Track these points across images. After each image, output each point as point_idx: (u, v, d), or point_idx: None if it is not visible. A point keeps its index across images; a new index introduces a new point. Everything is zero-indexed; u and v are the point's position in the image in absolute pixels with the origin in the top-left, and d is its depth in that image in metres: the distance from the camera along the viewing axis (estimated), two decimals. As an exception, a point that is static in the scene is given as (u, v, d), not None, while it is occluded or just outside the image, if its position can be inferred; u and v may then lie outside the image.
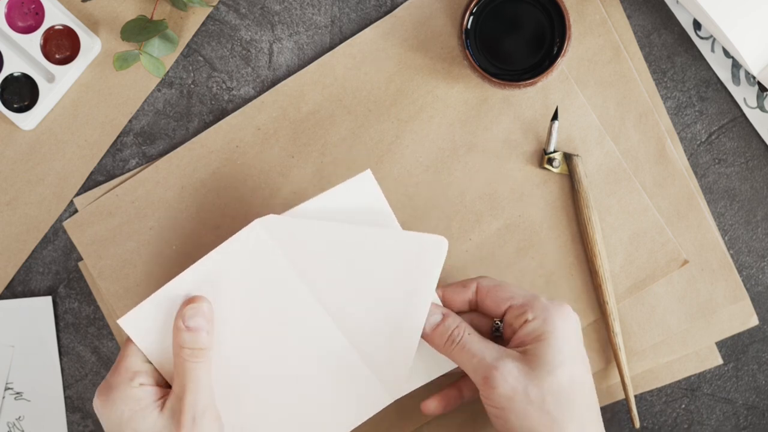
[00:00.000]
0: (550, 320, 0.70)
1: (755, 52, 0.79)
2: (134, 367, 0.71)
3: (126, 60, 0.81)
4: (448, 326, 0.72)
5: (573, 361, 0.70)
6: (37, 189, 0.83)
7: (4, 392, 0.84)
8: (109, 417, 0.70)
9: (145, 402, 0.70)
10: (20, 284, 0.84)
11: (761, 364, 0.83)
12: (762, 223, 0.83)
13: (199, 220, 0.82)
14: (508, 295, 0.72)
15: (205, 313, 0.71)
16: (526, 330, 0.70)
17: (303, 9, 0.83)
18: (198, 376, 0.70)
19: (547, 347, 0.69)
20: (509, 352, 0.70)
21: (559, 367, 0.69)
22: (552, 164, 0.81)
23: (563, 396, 0.68)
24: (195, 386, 0.70)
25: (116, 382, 0.70)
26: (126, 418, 0.69)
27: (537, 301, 0.71)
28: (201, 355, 0.70)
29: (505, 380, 0.68)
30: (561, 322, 0.70)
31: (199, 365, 0.70)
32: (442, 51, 0.82)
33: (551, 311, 0.71)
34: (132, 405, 0.69)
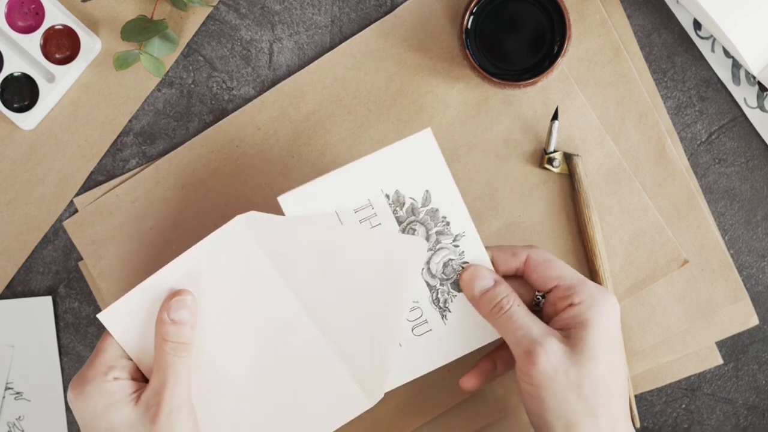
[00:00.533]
0: (595, 307, 0.70)
1: (755, 52, 0.79)
2: (109, 362, 0.71)
3: (126, 60, 0.81)
4: (498, 293, 0.71)
5: (612, 351, 0.69)
6: (37, 189, 0.83)
7: (4, 392, 0.84)
8: (82, 410, 0.69)
9: (120, 395, 0.69)
10: (20, 284, 0.84)
11: (761, 364, 0.83)
12: (762, 223, 0.83)
13: (199, 220, 0.82)
14: (556, 273, 0.71)
15: (190, 307, 0.71)
16: (570, 313, 0.70)
17: (303, 9, 0.83)
18: (179, 371, 0.70)
19: (591, 334, 0.69)
20: (554, 331, 0.70)
21: (600, 355, 0.68)
22: (552, 164, 0.81)
23: (601, 384, 0.68)
24: (175, 380, 0.69)
25: (91, 375, 0.70)
26: (100, 411, 0.69)
27: (584, 286, 0.71)
28: (184, 349, 0.70)
29: (548, 358, 0.68)
30: (606, 310, 0.70)
31: (181, 359, 0.70)
32: (442, 51, 0.82)
33: (597, 298, 0.70)
34: (106, 398, 0.69)
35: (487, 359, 0.76)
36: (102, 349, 0.71)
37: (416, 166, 0.72)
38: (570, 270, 0.72)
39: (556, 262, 0.72)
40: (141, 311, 0.71)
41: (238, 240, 0.72)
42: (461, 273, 0.73)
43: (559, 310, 0.71)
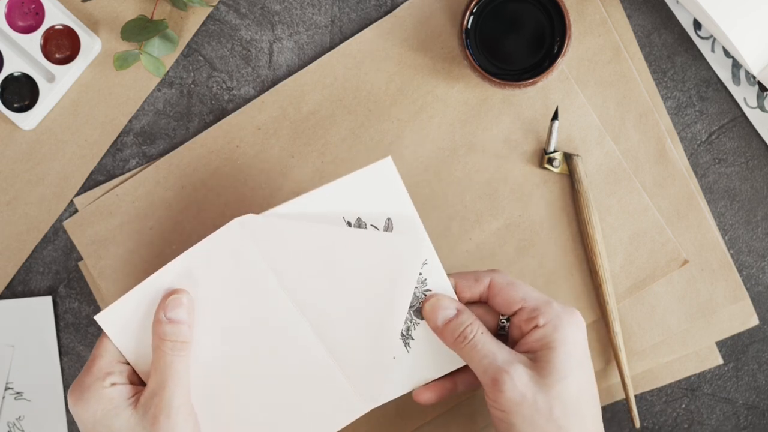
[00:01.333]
0: (561, 328, 0.69)
1: (755, 51, 0.79)
2: (107, 367, 0.70)
3: (126, 60, 0.81)
4: (462, 322, 0.71)
5: (581, 371, 0.69)
6: (37, 189, 0.83)
7: (4, 392, 0.84)
8: (82, 417, 0.69)
9: (118, 401, 0.69)
10: (20, 284, 0.84)
11: (761, 364, 0.83)
12: (762, 223, 0.83)
13: (199, 220, 0.82)
14: (520, 296, 0.71)
15: (186, 306, 0.71)
16: (536, 335, 0.70)
17: (303, 9, 0.83)
18: (177, 371, 0.69)
19: (558, 355, 0.68)
20: (520, 356, 0.69)
21: (568, 375, 0.68)
22: (552, 164, 0.81)
23: (571, 405, 0.68)
24: (174, 381, 0.69)
25: (88, 381, 0.70)
26: (99, 417, 0.69)
27: (549, 307, 0.70)
28: (182, 347, 0.70)
29: (515, 385, 0.68)
30: (571, 330, 0.69)
31: (180, 359, 0.70)
32: (442, 51, 0.82)
33: (563, 318, 0.70)
34: (104, 404, 0.69)
35: (447, 378, 0.75)
36: (98, 354, 0.71)
37: (378, 194, 0.71)
38: (534, 292, 0.72)
39: (520, 285, 0.72)
40: (138, 313, 0.71)
41: (235, 242, 0.71)
42: (424, 302, 0.72)
43: (524, 332, 0.71)
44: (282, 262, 0.72)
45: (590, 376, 0.70)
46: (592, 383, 0.70)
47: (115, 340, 0.71)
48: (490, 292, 0.73)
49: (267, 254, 0.72)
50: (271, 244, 0.71)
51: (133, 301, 0.71)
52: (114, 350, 0.71)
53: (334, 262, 0.72)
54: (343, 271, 0.72)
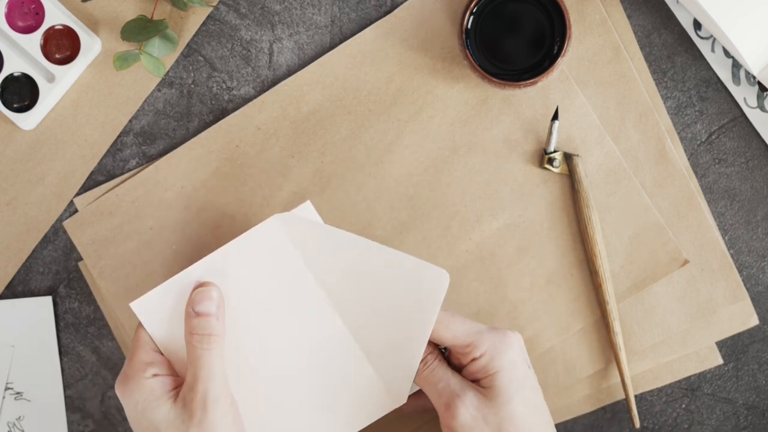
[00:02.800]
0: (498, 356, 0.71)
1: (755, 51, 0.79)
2: (147, 358, 0.71)
3: (126, 60, 0.81)
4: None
5: (524, 388, 0.71)
6: (37, 189, 0.83)
7: (4, 392, 0.84)
8: (127, 406, 0.70)
9: (159, 392, 0.70)
10: (20, 284, 0.84)
11: (761, 364, 0.83)
12: (762, 223, 0.83)
13: (199, 220, 0.82)
14: (450, 334, 0.72)
15: (214, 299, 0.71)
16: (475, 367, 0.72)
17: (303, 9, 0.83)
18: (209, 363, 0.70)
19: (500, 380, 0.71)
20: (470, 384, 0.71)
21: (514, 396, 0.70)
22: (552, 164, 0.81)
23: (520, 422, 0.70)
24: (206, 374, 0.69)
25: (131, 372, 0.70)
26: (141, 409, 0.69)
27: (481, 338, 0.72)
28: (212, 341, 0.70)
29: (467, 409, 0.70)
30: (508, 355, 0.71)
31: (211, 352, 0.70)
32: (442, 51, 0.82)
33: (497, 346, 0.71)
34: (146, 395, 0.69)
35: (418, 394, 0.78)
36: (138, 345, 0.72)
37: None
38: (464, 324, 0.72)
39: (450, 321, 0.73)
40: (171, 306, 0.72)
41: (273, 238, 0.72)
42: None
43: (463, 364, 0.73)
44: (317, 262, 0.73)
45: (535, 390, 0.72)
46: (538, 396, 0.72)
47: (150, 329, 0.72)
48: None
49: (303, 252, 0.72)
50: (307, 243, 0.72)
51: (166, 293, 0.72)
52: (150, 340, 0.72)
53: (366, 272, 0.73)
54: (374, 281, 0.73)
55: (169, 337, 0.72)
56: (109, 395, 0.84)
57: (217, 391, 0.69)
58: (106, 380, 0.84)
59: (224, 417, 0.69)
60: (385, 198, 0.82)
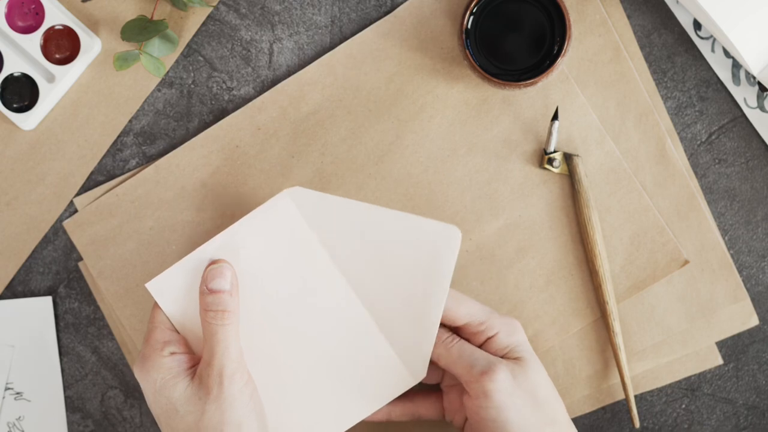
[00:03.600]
0: (514, 332, 0.74)
1: (755, 52, 0.79)
2: (164, 337, 0.71)
3: (126, 60, 0.81)
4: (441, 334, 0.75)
5: (541, 366, 0.74)
6: (37, 189, 0.83)
7: (4, 392, 0.84)
8: (146, 386, 0.71)
9: (177, 370, 0.70)
10: (20, 284, 0.84)
11: (761, 364, 0.83)
12: (762, 223, 0.83)
13: (199, 220, 0.82)
14: (465, 311, 0.74)
15: (227, 276, 0.72)
16: (495, 344, 0.74)
17: (303, 9, 0.83)
18: (225, 338, 0.70)
19: (524, 353, 0.74)
20: (498, 358, 0.73)
21: (538, 371, 0.73)
22: (552, 164, 0.81)
23: (547, 393, 0.73)
24: (222, 349, 0.70)
25: (148, 352, 0.71)
26: (159, 387, 0.70)
27: (493, 317, 0.74)
28: (226, 317, 0.70)
29: (505, 375, 0.71)
30: (521, 334, 0.75)
31: (225, 328, 0.70)
32: (442, 51, 0.82)
33: (509, 326, 0.74)
34: (164, 374, 0.70)
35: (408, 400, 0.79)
36: (154, 326, 0.72)
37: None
38: (476, 305, 0.74)
39: (464, 300, 0.74)
40: (186, 283, 0.72)
41: (285, 213, 0.73)
42: None
43: (480, 342, 0.74)
44: (329, 235, 0.73)
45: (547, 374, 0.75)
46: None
47: (166, 308, 0.72)
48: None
49: (315, 227, 0.73)
50: (317, 216, 0.73)
51: (181, 272, 0.72)
52: (166, 320, 0.72)
53: (377, 240, 0.73)
54: (386, 248, 0.73)
55: (185, 315, 0.73)
56: (109, 395, 0.84)
57: (233, 366, 0.70)
58: (106, 380, 0.84)
59: (241, 393, 0.70)
60: (385, 198, 0.82)
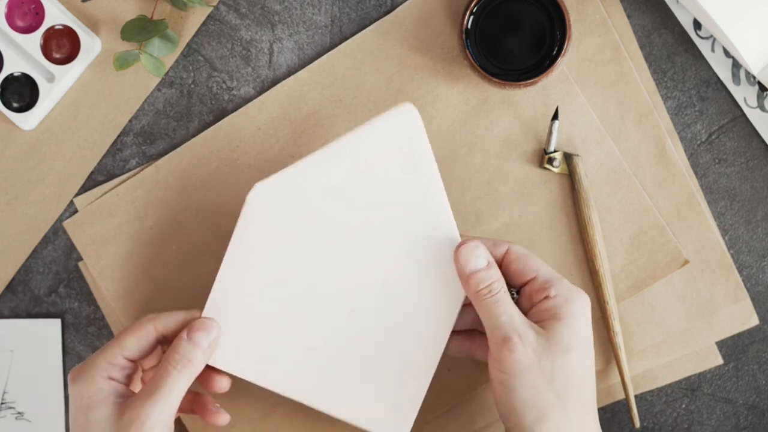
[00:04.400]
0: (571, 301, 0.71)
1: (755, 51, 0.79)
2: (112, 358, 0.71)
3: (126, 60, 0.81)
4: (490, 276, 0.71)
5: (585, 347, 0.70)
6: (37, 189, 0.83)
7: (6, 411, 0.84)
8: (73, 395, 0.70)
9: (105, 394, 0.69)
10: (20, 284, 0.84)
11: (761, 364, 0.83)
12: (762, 223, 0.83)
13: (199, 220, 0.82)
14: (535, 266, 0.72)
15: (212, 336, 0.72)
16: (545, 306, 0.71)
17: (303, 9, 0.83)
18: (172, 385, 0.69)
19: (565, 327, 0.70)
20: (532, 323, 0.70)
21: (573, 349, 0.69)
22: (552, 164, 0.81)
23: (572, 377, 0.69)
24: (163, 394, 0.69)
25: (89, 366, 0.70)
26: (82, 404, 0.69)
27: (560, 281, 0.72)
28: (187, 367, 0.70)
29: (525, 347, 0.69)
30: (580, 306, 0.71)
31: (180, 376, 0.70)
32: (442, 51, 0.82)
33: (573, 293, 0.71)
34: (92, 392, 0.69)
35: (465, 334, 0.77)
36: (114, 344, 0.71)
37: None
38: (547, 266, 0.73)
39: (535, 257, 0.73)
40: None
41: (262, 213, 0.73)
42: (459, 245, 0.72)
43: (534, 302, 0.72)
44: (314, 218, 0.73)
45: (591, 355, 0.71)
46: (592, 363, 0.71)
47: None
48: (505, 260, 0.73)
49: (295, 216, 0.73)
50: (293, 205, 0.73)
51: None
52: (131, 346, 0.71)
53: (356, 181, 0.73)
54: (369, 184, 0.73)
55: None
56: (109, 395, 0.84)
57: (162, 415, 0.68)
58: (106, 380, 0.84)
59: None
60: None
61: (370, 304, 0.74)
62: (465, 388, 0.82)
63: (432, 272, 0.73)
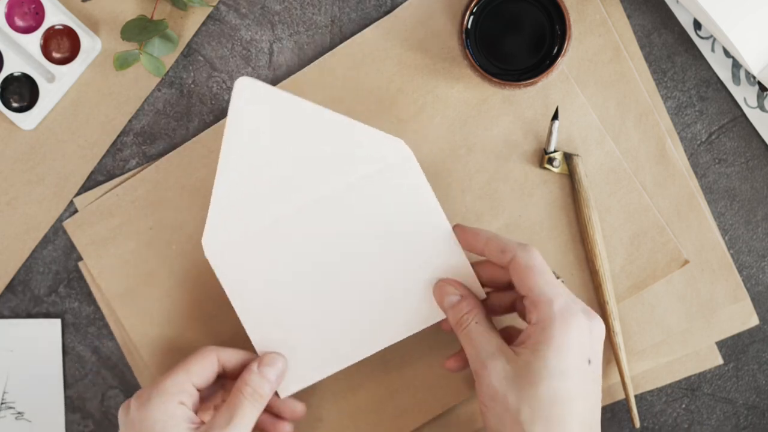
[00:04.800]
0: (549, 330, 0.67)
1: (755, 51, 0.79)
2: (181, 385, 0.72)
3: (126, 60, 0.81)
4: (461, 310, 0.72)
5: (562, 377, 0.66)
6: (37, 189, 0.83)
7: (6, 411, 0.84)
8: (141, 419, 0.71)
9: (178, 419, 0.71)
10: (20, 284, 0.84)
11: (761, 364, 0.83)
12: (762, 223, 0.83)
13: (199, 220, 0.82)
14: (528, 285, 0.69)
15: (280, 369, 0.75)
16: (527, 331, 0.69)
17: (303, 9, 0.83)
18: (247, 415, 0.72)
19: (536, 357, 0.67)
20: (505, 351, 0.68)
21: (543, 380, 0.66)
22: (552, 164, 0.81)
23: (541, 411, 0.66)
24: (241, 423, 0.71)
25: (161, 390, 0.71)
26: (157, 429, 0.70)
27: (548, 306, 0.68)
28: (259, 400, 0.73)
29: (491, 380, 0.68)
30: (562, 335, 0.67)
31: (253, 407, 0.72)
32: (443, 51, 0.82)
33: (555, 322, 0.67)
34: (167, 418, 0.70)
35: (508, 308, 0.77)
36: (182, 369, 0.73)
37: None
38: (546, 285, 0.69)
39: (535, 274, 0.69)
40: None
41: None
42: (434, 286, 0.74)
43: (527, 321, 0.71)
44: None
45: (577, 384, 0.67)
46: (578, 392, 0.67)
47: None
48: (509, 268, 0.72)
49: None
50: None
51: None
52: (198, 373, 0.73)
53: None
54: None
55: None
56: (109, 395, 0.84)
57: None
58: (106, 380, 0.84)
59: None
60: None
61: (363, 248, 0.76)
62: (465, 388, 0.82)
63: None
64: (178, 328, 0.82)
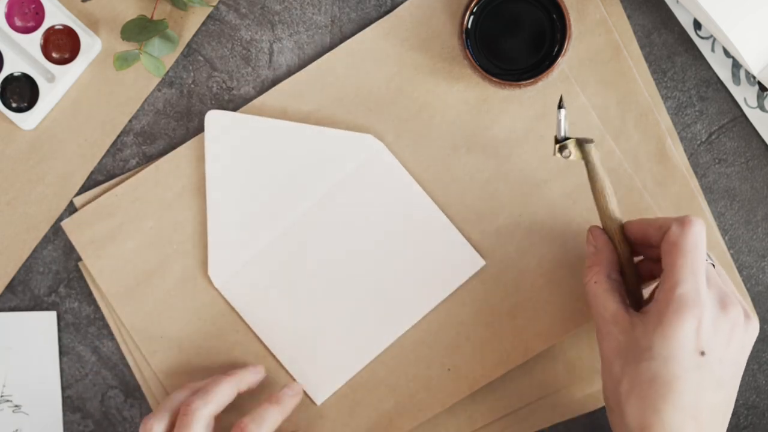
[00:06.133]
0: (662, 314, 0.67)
1: (755, 51, 0.79)
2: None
3: (126, 60, 0.81)
4: (588, 264, 0.74)
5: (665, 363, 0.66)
6: (37, 188, 0.83)
7: (3, 404, 0.84)
8: None
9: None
10: (20, 284, 0.84)
11: (761, 364, 0.83)
12: (762, 223, 0.83)
13: (199, 219, 0.82)
14: (668, 262, 0.68)
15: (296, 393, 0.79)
16: (650, 306, 0.69)
17: (303, 9, 0.83)
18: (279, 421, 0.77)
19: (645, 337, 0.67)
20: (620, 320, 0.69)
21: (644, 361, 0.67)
22: (563, 152, 0.77)
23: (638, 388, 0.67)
24: None
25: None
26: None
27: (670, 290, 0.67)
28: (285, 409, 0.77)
29: (602, 345, 0.71)
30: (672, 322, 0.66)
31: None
32: (443, 50, 0.82)
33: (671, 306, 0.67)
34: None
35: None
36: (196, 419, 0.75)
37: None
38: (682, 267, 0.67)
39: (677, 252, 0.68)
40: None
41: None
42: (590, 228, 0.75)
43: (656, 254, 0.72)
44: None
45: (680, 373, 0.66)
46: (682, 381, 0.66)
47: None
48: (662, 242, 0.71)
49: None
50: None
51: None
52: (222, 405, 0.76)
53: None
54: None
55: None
56: (109, 395, 0.84)
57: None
58: (106, 380, 0.84)
59: None
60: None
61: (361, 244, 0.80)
62: (465, 388, 0.82)
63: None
64: (178, 328, 0.82)
